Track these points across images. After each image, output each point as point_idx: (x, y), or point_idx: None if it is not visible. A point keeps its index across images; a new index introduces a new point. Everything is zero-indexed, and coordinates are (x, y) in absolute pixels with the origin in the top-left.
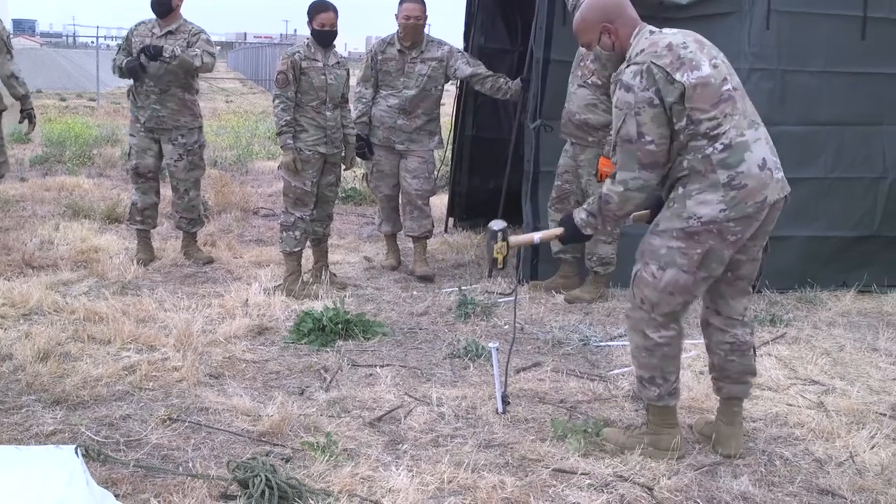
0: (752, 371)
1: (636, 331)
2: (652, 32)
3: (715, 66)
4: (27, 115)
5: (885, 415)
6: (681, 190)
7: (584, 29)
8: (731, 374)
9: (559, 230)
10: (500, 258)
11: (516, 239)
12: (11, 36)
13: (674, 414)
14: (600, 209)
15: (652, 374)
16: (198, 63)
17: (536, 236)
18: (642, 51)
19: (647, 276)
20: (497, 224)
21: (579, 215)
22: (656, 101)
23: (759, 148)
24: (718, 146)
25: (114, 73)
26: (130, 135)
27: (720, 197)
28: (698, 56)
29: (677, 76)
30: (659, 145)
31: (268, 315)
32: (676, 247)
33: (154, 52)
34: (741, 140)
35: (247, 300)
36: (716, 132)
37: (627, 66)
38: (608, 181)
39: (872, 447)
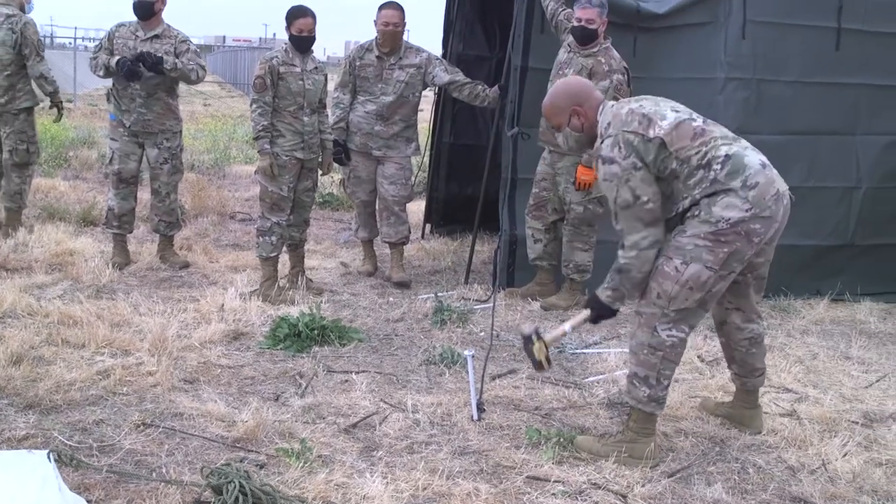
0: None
1: (646, 327)
2: (612, 106)
3: (677, 111)
4: (56, 105)
5: (857, 423)
6: (704, 201)
7: (554, 113)
8: (756, 367)
9: (587, 313)
10: (543, 358)
11: (552, 336)
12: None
13: (654, 423)
14: (622, 281)
15: (647, 373)
16: (193, 77)
17: (567, 326)
18: (609, 124)
19: (670, 270)
20: (527, 328)
21: (605, 293)
22: (639, 164)
23: (752, 152)
24: (717, 166)
25: (95, 71)
26: (112, 139)
27: (742, 199)
28: (659, 108)
29: (650, 133)
30: (655, 202)
31: (243, 320)
32: (704, 245)
33: (153, 62)
34: (734, 150)
35: (222, 305)
36: (707, 159)
37: (602, 141)
38: (620, 251)
39: (844, 455)
